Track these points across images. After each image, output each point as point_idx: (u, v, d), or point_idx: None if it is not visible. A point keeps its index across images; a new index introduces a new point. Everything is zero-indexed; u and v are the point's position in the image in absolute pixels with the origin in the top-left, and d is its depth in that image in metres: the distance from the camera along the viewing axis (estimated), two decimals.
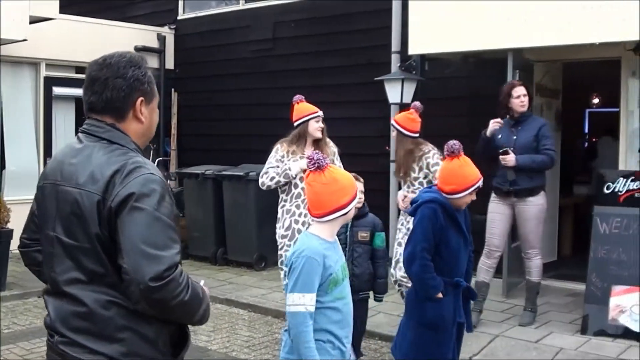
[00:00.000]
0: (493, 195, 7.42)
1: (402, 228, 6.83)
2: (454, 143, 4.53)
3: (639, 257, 7.04)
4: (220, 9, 12.72)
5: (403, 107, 9.13)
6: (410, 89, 8.72)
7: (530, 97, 7.45)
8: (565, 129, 10.38)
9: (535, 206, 7.19)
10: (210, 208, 10.32)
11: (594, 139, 13.99)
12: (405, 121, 6.77)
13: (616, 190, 7.32)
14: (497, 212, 7.39)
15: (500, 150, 7.06)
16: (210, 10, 12.88)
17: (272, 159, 6.71)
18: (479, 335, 6.91)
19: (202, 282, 2.89)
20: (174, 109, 12.99)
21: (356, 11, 10.57)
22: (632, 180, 7.26)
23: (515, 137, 7.20)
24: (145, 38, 12.73)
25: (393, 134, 6.94)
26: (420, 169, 6.67)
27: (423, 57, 8.92)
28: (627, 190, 7.27)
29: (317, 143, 6.68)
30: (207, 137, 12.54)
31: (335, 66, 10.81)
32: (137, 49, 12.20)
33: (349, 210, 3.63)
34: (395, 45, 9.79)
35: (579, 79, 11.07)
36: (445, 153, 4.56)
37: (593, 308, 7.09)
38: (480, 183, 4.56)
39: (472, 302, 5.04)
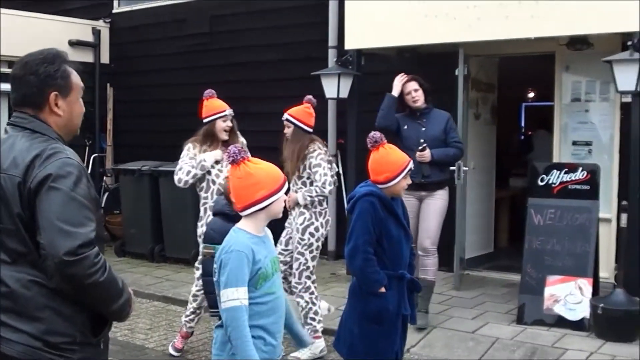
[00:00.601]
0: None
1: (289, 227, 6.69)
2: (375, 133, 4.57)
3: (573, 248, 7.23)
4: (155, 2, 12.58)
5: (340, 102, 9.23)
6: (346, 84, 8.78)
7: (464, 90, 7.45)
8: (501, 123, 10.54)
9: (441, 200, 7.24)
10: (147, 204, 10.24)
11: (529, 133, 14.23)
12: (303, 115, 6.57)
13: (550, 182, 7.48)
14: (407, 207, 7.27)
15: (419, 147, 7.08)
16: (145, 3, 12.74)
17: (185, 158, 6.60)
18: (416, 326, 7.00)
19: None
20: (110, 104, 12.83)
21: (294, 5, 10.59)
22: (565, 173, 7.43)
23: (424, 130, 7.22)
24: (80, 32, 12.53)
25: (289, 129, 6.57)
26: (304, 168, 6.44)
27: (359, 52, 8.97)
28: (561, 182, 7.43)
29: (227, 141, 6.56)
30: (144, 132, 12.43)
31: (273, 60, 10.82)
32: (71, 43, 12.05)
33: (268, 205, 3.64)
34: (332, 40, 9.85)
35: (515, 74, 11.25)
36: (369, 146, 4.60)
37: (528, 298, 7.25)
38: (411, 165, 4.62)
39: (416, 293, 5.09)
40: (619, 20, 7.15)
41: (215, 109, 6.60)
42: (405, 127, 7.29)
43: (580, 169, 7.39)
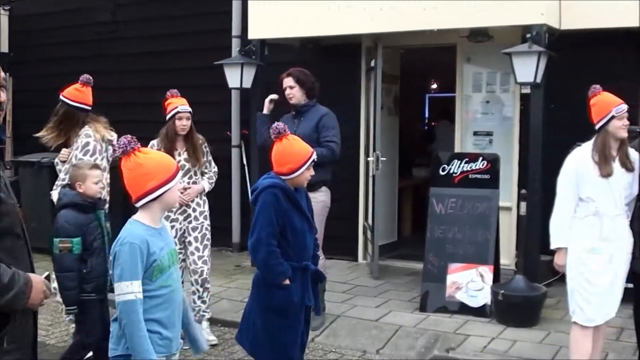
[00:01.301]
0: None
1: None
2: (278, 124, 4.52)
3: (474, 236, 7.32)
4: None
5: (244, 92, 9.14)
6: (249, 73, 8.69)
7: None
8: (405, 114, 10.63)
9: (317, 203, 6.41)
10: (48, 198, 9.90)
11: (433, 123, 14.40)
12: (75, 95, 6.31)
13: (451, 171, 7.56)
14: None
15: None
16: None
17: None
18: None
19: (45, 274, 3.04)
20: (9, 95, 12.40)
21: None
22: (466, 162, 7.52)
23: (296, 129, 6.62)
24: None
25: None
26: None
27: (263, 42, 8.88)
28: (462, 172, 7.52)
29: (186, 139, 6.52)
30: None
31: (178, 50, 10.64)
32: None
33: (161, 195, 3.56)
34: (235, 29, 9.74)
35: (419, 65, 11.35)
36: (272, 137, 4.54)
37: (431, 286, 7.33)
38: (314, 156, 4.57)
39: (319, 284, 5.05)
40: (519, 13, 7.28)
41: (172, 107, 6.50)
42: None
43: (481, 158, 7.50)
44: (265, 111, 7.05)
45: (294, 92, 6.85)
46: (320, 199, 6.72)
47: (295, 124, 6.75)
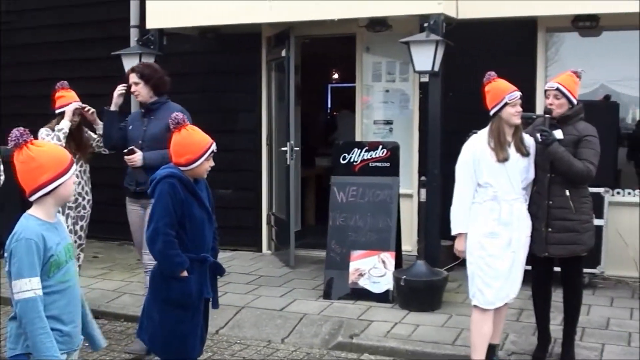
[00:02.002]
0: (127, 197, 6.30)
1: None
2: (177, 114, 4.44)
3: (375, 223, 7.36)
4: None
5: None
6: None
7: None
8: (308, 104, 10.62)
9: None
10: None
11: (335, 113, 14.44)
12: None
13: (352, 160, 7.58)
14: (133, 216, 6.28)
15: (125, 150, 6.03)
16: None
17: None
18: (224, 308, 6.88)
19: None
20: None
21: None
22: (366, 151, 7.56)
23: (145, 129, 6.11)
24: None
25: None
26: None
27: (161, 32, 8.71)
28: (362, 160, 7.56)
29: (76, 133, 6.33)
30: None
31: (76, 40, 10.36)
32: None
33: (55, 189, 3.44)
34: (134, 19, 9.52)
35: (320, 55, 11.36)
36: (171, 127, 4.45)
37: (334, 273, 7.35)
38: (213, 147, 4.49)
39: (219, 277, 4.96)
40: (416, 3, 7.35)
41: (65, 100, 6.32)
42: (131, 127, 6.24)
43: (381, 147, 7.55)
44: (112, 107, 6.35)
45: (139, 89, 6.16)
46: None
47: (145, 123, 6.14)
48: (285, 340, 6.46)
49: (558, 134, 5.29)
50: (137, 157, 5.97)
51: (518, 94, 5.15)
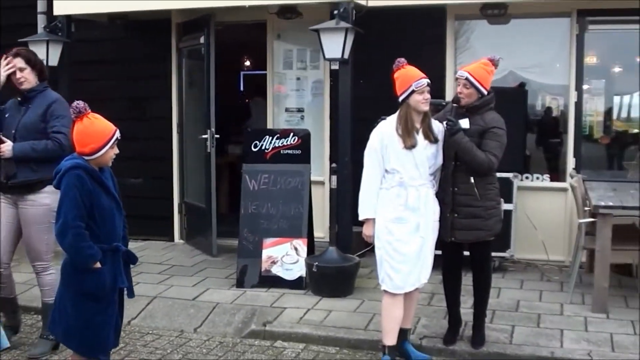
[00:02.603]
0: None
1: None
2: (78, 103, 4.32)
3: (287, 210, 7.37)
4: None
5: (51, 70, 8.70)
6: (56, 51, 8.27)
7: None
8: (221, 91, 10.50)
9: (38, 207, 5.61)
10: None
11: (247, 100, 14.36)
12: None
13: (263, 148, 7.56)
14: (4, 216, 5.77)
15: None
16: None
17: None
18: (136, 298, 6.70)
19: None
20: None
21: None
22: (277, 138, 7.55)
23: (20, 118, 5.65)
24: None
25: None
26: None
27: (69, 18, 8.50)
28: (273, 148, 7.55)
29: None
30: None
31: None
32: None
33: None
34: (41, 5, 9.25)
35: (233, 42, 11.26)
36: (72, 116, 4.33)
37: (247, 261, 7.33)
38: (117, 134, 4.40)
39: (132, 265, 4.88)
40: None
41: None
42: (7, 115, 5.74)
43: (292, 134, 7.54)
44: None
45: (26, 75, 5.67)
46: (43, 202, 5.61)
47: (22, 112, 5.67)
48: (197, 329, 6.42)
49: (464, 123, 5.36)
50: (5, 148, 5.53)
51: (425, 81, 5.18)
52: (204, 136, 8.37)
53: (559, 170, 8.37)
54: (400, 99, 5.21)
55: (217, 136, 8.49)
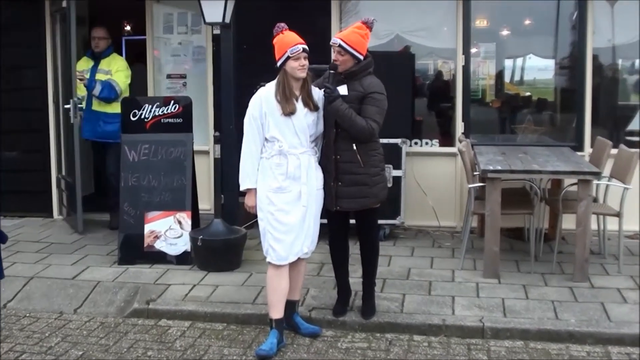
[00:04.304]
0: None
1: None
2: None
3: (170, 182, 7.30)
4: None
5: None
6: None
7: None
8: None
9: None
10: None
11: None
12: None
13: (143, 117, 7.44)
14: None
15: None
16: None
17: None
18: (12, 279, 6.65)
19: None
20: None
21: None
22: (157, 107, 7.43)
23: None
24: None
25: None
26: None
27: None
28: (154, 117, 7.43)
29: None
30: None
31: None
32: None
33: None
34: None
35: (110, 6, 11.00)
36: None
37: (129, 237, 7.23)
38: None
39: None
40: None
41: None
42: None
43: (173, 102, 7.45)
44: None
45: None
46: None
47: None
48: (78, 310, 6.31)
49: (342, 89, 5.38)
50: None
51: (301, 47, 5.18)
52: (67, 106, 8.14)
53: (449, 135, 8.54)
54: (278, 64, 5.21)
55: (81, 106, 8.23)
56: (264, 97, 5.26)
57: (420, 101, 8.82)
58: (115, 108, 8.01)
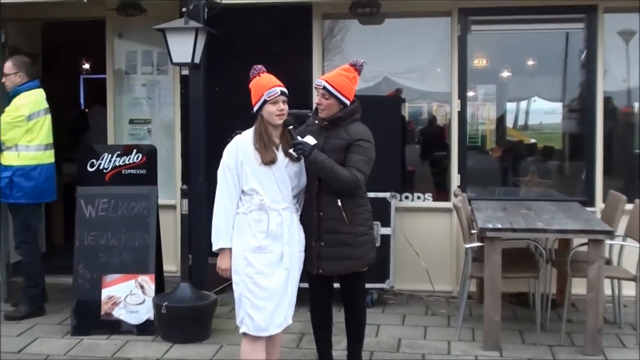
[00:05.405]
0: None
1: None
2: None
3: (131, 241, 7.29)
4: None
5: None
6: None
7: None
8: (55, 98, 10.29)
9: None
10: None
11: (86, 109, 14.15)
12: None
13: (102, 167, 7.46)
14: None
15: None
16: None
17: None
18: None
19: None
20: None
21: None
22: (118, 156, 7.46)
23: None
24: None
25: None
26: None
27: None
28: (114, 167, 7.45)
29: None
30: None
31: None
32: None
33: None
34: None
35: (68, 42, 11.09)
36: None
37: (84, 303, 7.18)
38: None
39: None
40: None
41: None
42: None
43: (136, 151, 7.47)
44: None
45: None
46: None
47: None
48: None
49: (310, 139, 5.38)
50: None
51: (279, 89, 5.21)
52: None
53: (444, 188, 8.58)
54: (254, 110, 5.24)
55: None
56: (240, 146, 5.27)
57: (412, 149, 8.87)
58: None
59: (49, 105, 7.86)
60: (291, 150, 5.29)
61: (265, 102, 5.18)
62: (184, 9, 7.23)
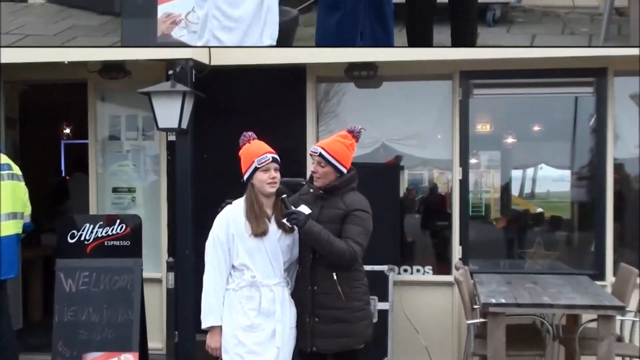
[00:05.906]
0: None
1: None
2: None
3: (114, 317, 7.26)
4: None
5: None
6: None
7: None
8: (35, 165, 10.35)
9: None
10: None
11: (67, 177, 14.15)
12: None
13: (83, 239, 7.47)
14: None
15: None
16: None
17: None
18: None
19: None
20: None
21: None
22: (100, 227, 7.46)
23: None
24: None
25: None
26: None
27: None
28: (96, 239, 7.45)
29: None
30: None
31: None
32: None
33: None
34: None
35: (48, 105, 11.15)
36: None
37: None
38: None
39: None
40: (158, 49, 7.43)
41: None
42: None
43: (119, 221, 7.49)
44: None
45: None
46: None
47: None
48: None
49: (304, 209, 5.34)
50: None
51: (270, 156, 5.25)
52: None
53: (445, 260, 8.57)
54: (244, 178, 5.27)
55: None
56: (232, 217, 5.29)
57: (412, 219, 8.87)
58: None
59: (27, 171, 7.85)
60: (284, 220, 5.28)
61: (256, 169, 5.21)
62: (170, 71, 7.31)
